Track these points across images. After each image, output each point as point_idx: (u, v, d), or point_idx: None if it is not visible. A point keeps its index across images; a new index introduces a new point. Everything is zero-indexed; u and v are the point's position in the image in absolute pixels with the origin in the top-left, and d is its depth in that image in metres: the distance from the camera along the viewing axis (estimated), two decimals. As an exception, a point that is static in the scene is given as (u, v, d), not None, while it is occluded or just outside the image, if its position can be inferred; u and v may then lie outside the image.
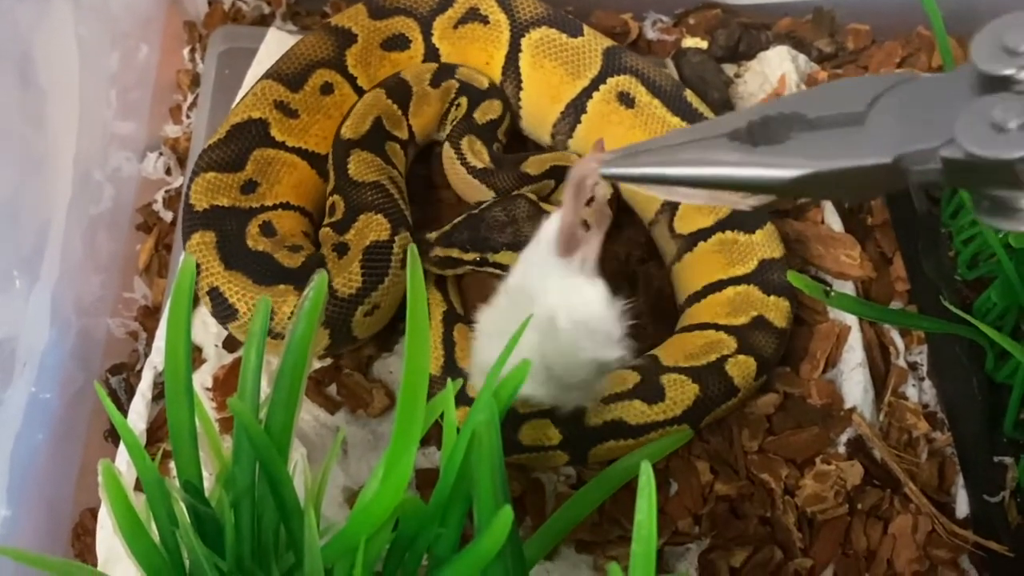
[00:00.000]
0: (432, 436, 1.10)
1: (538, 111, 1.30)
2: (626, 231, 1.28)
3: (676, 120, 1.22)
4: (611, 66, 1.24)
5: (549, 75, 1.27)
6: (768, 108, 0.65)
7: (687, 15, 1.51)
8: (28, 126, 1.10)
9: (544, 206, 1.17)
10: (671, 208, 1.23)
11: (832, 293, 1.05)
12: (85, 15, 1.21)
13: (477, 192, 1.23)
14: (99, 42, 1.27)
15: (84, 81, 1.20)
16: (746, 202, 0.73)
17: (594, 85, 1.25)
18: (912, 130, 0.60)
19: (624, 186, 1.25)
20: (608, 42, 1.25)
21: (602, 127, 1.25)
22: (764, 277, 1.17)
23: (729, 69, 1.44)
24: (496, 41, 1.28)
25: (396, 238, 1.11)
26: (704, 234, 1.21)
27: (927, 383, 1.21)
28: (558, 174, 1.23)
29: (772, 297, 1.16)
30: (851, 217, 1.31)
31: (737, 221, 1.19)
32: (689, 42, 1.46)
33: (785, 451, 1.12)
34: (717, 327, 1.14)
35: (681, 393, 1.07)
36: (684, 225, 1.22)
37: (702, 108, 1.24)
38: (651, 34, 1.50)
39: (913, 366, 1.22)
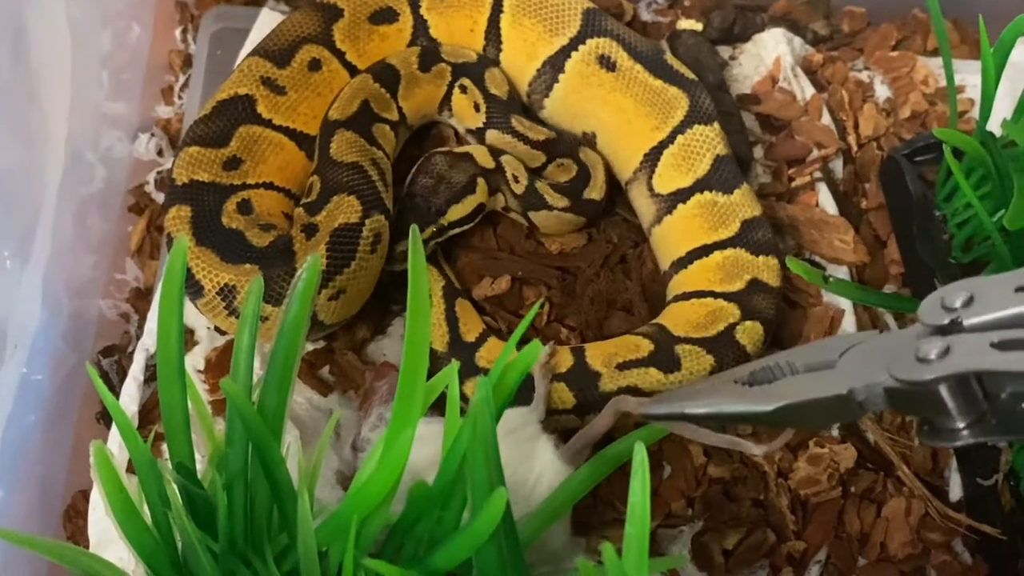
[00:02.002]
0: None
1: (515, 70, 1.29)
2: (619, 214, 1.28)
3: (659, 83, 1.22)
4: (591, 27, 1.24)
5: (527, 32, 1.26)
6: (768, 360, 0.81)
7: (682, -4, 1.51)
8: (20, 106, 1.09)
9: (457, 149, 1.22)
10: (650, 165, 1.23)
11: (831, 279, 1.05)
12: (73, -4, 1.20)
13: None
14: (91, 22, 1.27)
15: (76, 61, 1.19)
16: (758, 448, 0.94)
17: (573, 45, 1.24)
18: (866, 369, 0.74)
19: (601, 145, 1.27)
20: (587, 3, 1.25)
21: (581, 88, 1.25)
22: (749, 238, 1.18)
23: (724, 51, 1.44)
24: (480, 6, 1.27)
25: (367, 221, 1.09)
26: (683, 195, 1.21)
27: (922, 366, 1.21)
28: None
29: (761, 257, 1.17)
30: (845, 201, 1.31)
31: (715, 181, 1.20)
32: (684, 24, 1.45)
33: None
34: (715, 294, 1.15)
35: (697, 364, 1.08)
36: (663, 184, 1.22)
37: (683, 70, 1.24)
38: (646, 15, 1.49)
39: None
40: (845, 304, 1.20)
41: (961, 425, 0.70)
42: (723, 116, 1.26)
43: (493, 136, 1.25)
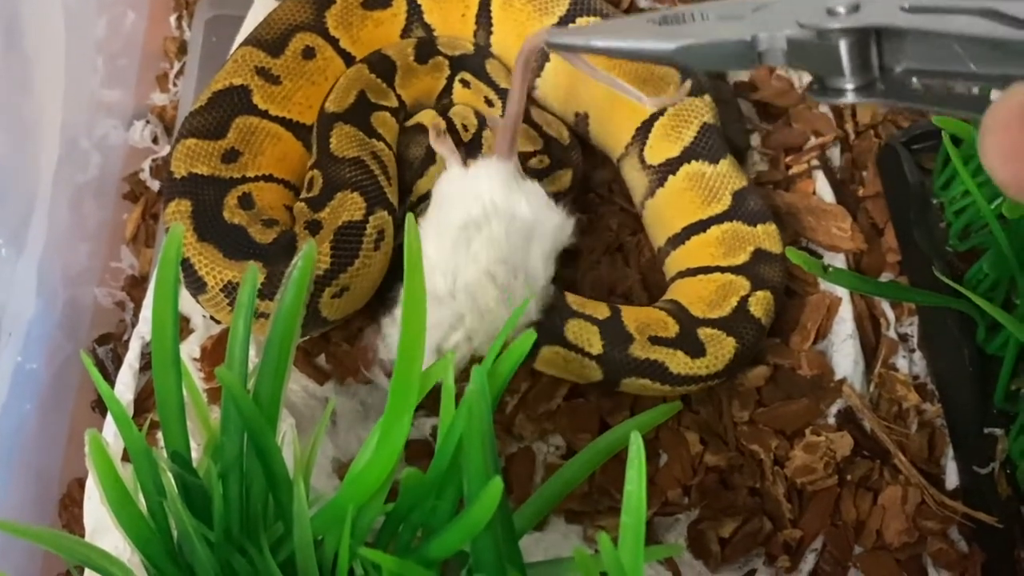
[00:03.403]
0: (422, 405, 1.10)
1: (506, 52, 1.29)
2: (617, 203, 1.28)
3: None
4: (579, 6, 1.24)
5: (517, 13, 1.26)
6: (681, 7, 0.81)
7: (679, -17, 1.50)
8: (14, 94, 1.09)
9: (408, 123, 1.24)
10: (641, 138, 1.23)
11: (830, 268, 1.05)
12: (69, -19, 1.20)
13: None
14: (85, 8, 1.26)
15: (70, 48, 1.19)
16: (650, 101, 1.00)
17: (562, 24, 1.24)
18: (774, 21, 0.75)
19: (593, 124, 1.27)
20: None
21: (570, 68, 1.24)
22: (743, 209, 1.18)
23: (721, 39, 1.43)
24: None
25: (370, 218, 1.09)
26: (673, 165, 1.21)
27: (917, 355, 1.21)
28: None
29: (759, 227, 1.17)
30: (843, 188, 1.31)
31: (700, 151, 1.20)
32: (681, 11, 1.45)
33: (775, 422, 1.12)
34: (721, 269, 1.16)
35: (721, 349, 1.09)
36: (654, 155, 1.22)
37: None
38: (643, 2, 1.48)
39: (904, 338, 1.22)
40: (842, 292, 1.20)
41: (850, 86, 0.71)
42: (720, 104, 1.25)
43: None
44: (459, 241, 0.98)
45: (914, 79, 0.70)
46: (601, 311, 1.10)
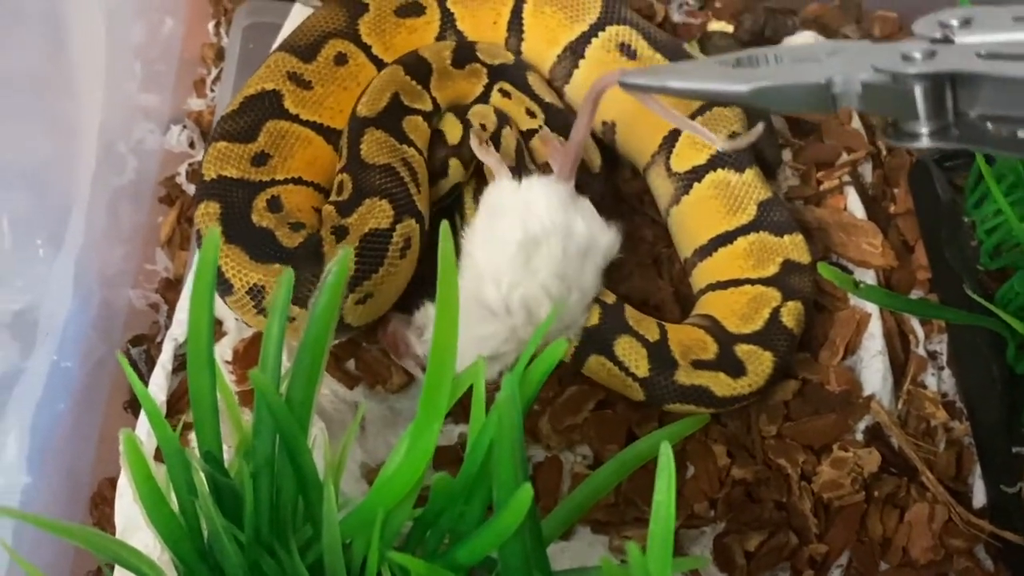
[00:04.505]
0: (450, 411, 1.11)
1: (536, 57, 1.30)
2: (649, 214, 1.29)
3: None
4: (610, 15, 1.25)
5: (548, 20, 1.27)
6: (755, 50, 0.82)
7: (713, -2, 1.51)
8: (59, 97, 1.10)
9: None
10: (668, 147, 1.24)
11: (861, 285, 1.06)
12: (111, -13, 1.21)
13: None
14: (125, 14, 1.27)
15: (111, 52, 1.20)
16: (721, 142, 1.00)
17: (593, 31, 1.25)
18: (849, 65, 0.76)
19: (621, 133, 1.28)
20: None
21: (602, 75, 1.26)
22: (769, 220, 1.19)
23: (755, 53, 1.44)
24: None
25: (397, 227, 1.09)
26: (699, 173, 1.22)
27: (946, 372, 1.21)
28: None
29: (787, 237, 1.18)
30: (874, 205, 1.31)
31: (727, 159, 1.21)
32: (715, 26, 1.46)
33: (802, 437, 1.12)
34: (751, 281, 1.17)
35: (760, 365, 1.10)
36: (680, 163, 1.23)
37: (702, 58, 1.25)
38: (677, 17, 1.49)
39: (932, 355, 1.22)
40: (872, 308, 1.20)
41: (925, 130, 0.73)
42: (752, 118, 1.25)
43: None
44: (517, 256, 0.99)
45: (989, 124, 0.71)
46: (652, 331, 1.11)
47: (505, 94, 1.27)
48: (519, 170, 1.20)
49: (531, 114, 1.26)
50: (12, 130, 1.05)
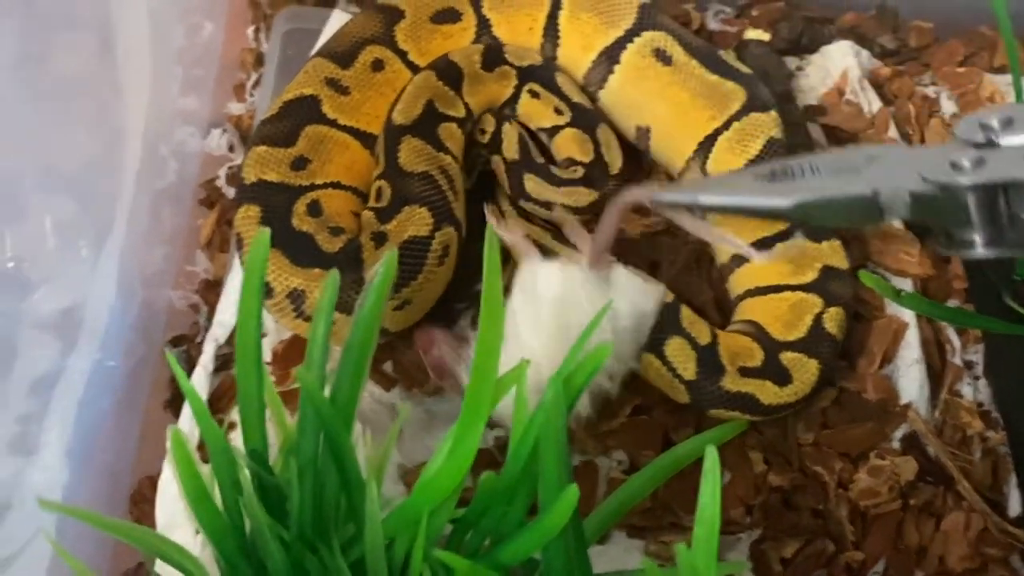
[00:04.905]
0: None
1: (571, 63, 1.30)
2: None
3: (715, 78, 1.23)
4: (646, 20, 1.26)
5: (584, 25, 1.28)
6: (789, 160, 0.80)
7: (750, 7, 1.51)
8: (107, 100, 1.12)
9: None
10: (704, 152, 1.24)
11: (902, 293, 1.06)
12: (157, -11, 1.23)
13: None
14: (167, 17, 1.29)
15: (154, 56, 1.21)
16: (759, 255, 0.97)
17: (628, 37, 1.25)
18: (894, 174, 0.75)
19: (655, 138, 1.28)
20: None
21: (637, 81, 1.26)
22: (807, 226, 1.19)
23: (791, 62, 1.44)
24: (539, 4, 1.29)
25: (436, 234, 1.10)
26: None
27: (982, 382, 1.21)
28: None
29: (825, 243, 1.18)
30: (911, 214, 1.30)
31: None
32: (751, 34, 1.46)
33: (839, 445, 1.12)
34: (791, 287, 1.16)
35: (805, 373, 1.10)
36: (717, 167, 1.23)
37: (738, 65, 1.26)
38: (713, 25, 1.50)
39: (969, 365, 1.22)
40: (909, 317, 1.20)
41: (979, 238, 0.71)
42: (789, 126, 1.26)
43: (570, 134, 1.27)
44: (563, 346, 0.98)
45: None
46: (704, 335, 1.11)
47: (534, 94, 1.28)
48: (524, 163, 1.23)
49: (559, 111, 1.27)
50: (61, 133, 1.06)
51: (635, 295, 1.01)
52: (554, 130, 1.27)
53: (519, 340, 0.98)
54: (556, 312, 0.98)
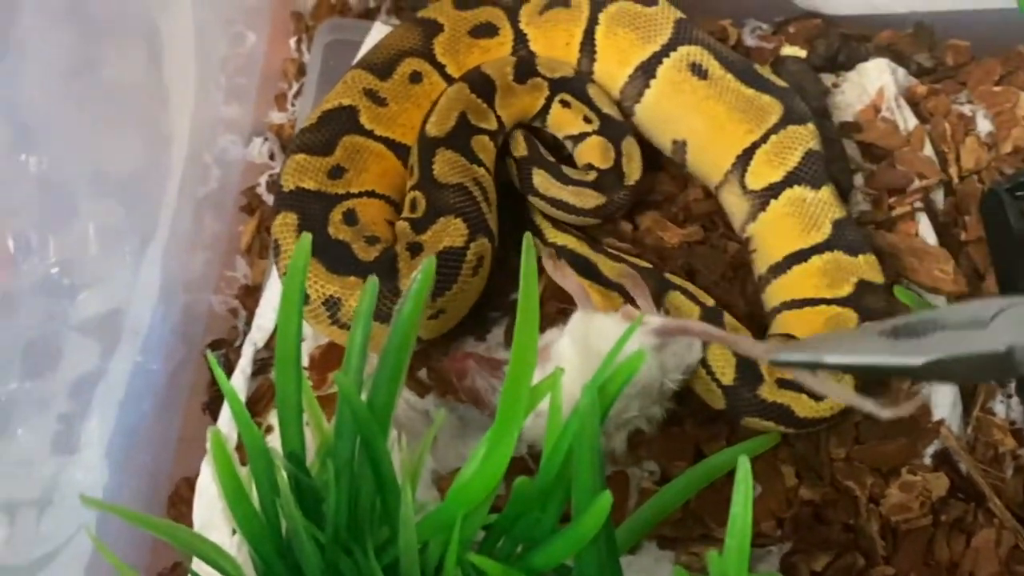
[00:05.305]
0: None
1: (607, 78, 1.31)
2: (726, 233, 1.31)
3: (751, 92, 1.24)
4: (682, 35, 1.26)
5: (620, 41, 1.29)
6: (913, 316, 0.81)
7: (787, 23, 1.52)
8: (155, 109, 1.13)
9: None
10: (742, 165, 1.25)
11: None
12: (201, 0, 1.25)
13: None
14: (212, 28, 1.31)
15: (199, 65, 1.23)
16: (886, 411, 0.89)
17: (664, 51, 1.26)
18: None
19: (692, 152, 1.29)
20: (679, 13, 1.28)
21: (673, 95, 1.27)
22: (843, 239, 1.19)
23: (827, 79, 1.44)
24: (576, 20, 1.30)
25: (471, 245, 1.12)
26: (775, 190, 1.23)
27: (1015, 400, 1.20)
28: None
29: (860, 257, 1.18)
30: (945, 232, 1.31)
31: (803, 176, 1.22)
32: (788, 50, 1.46)
33: (871, 460, 1.12)
34: (827, 301, 1.16)
35: None
36: (756, 181, 1.24)
37: (774, 79, 1.26)
38: (750, 41, 1.50)
39: (1002, 383, 1.22)
40: (942, 334, 1.20)
41: None
42: (824, 143, 1.26)
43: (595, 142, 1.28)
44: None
45: None
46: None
47: (565, 104, 1.29)
48: (532, 159, 1.25)
49: (588, 120, 1.28)
50: (109, 139, 1.08)
51: (682, 350, 1.04)
52: (580, 137, 1.29)
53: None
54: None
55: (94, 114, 1.05)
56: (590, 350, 0.97)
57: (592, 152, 1.27)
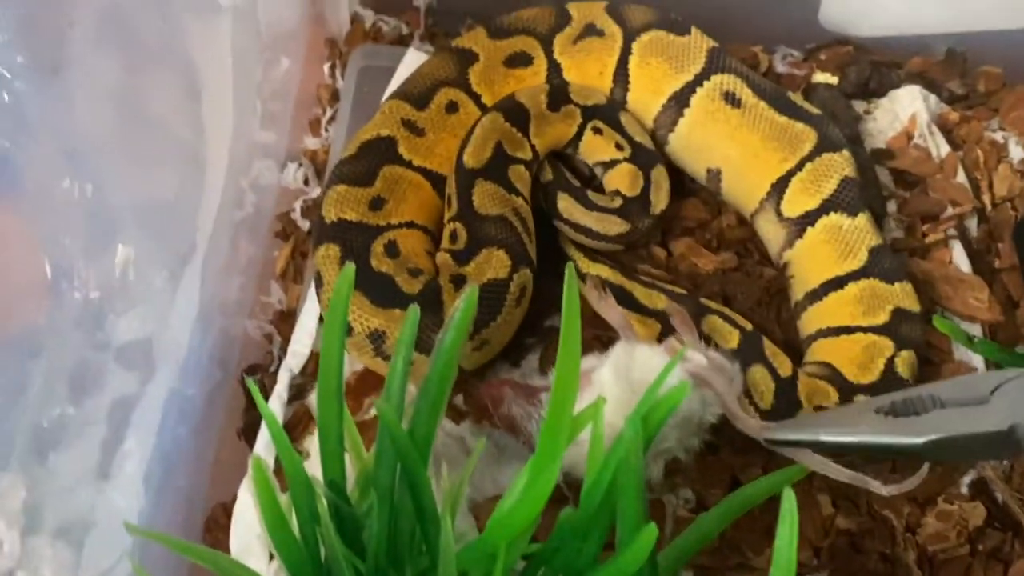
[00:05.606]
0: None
1: (641, 107, 1.32)
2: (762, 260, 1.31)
3: (784, 119, 1.25)
4: (715, 64, 1.27)
5: (653, 71, 1.30)
6: (910, 392, 0.80)
7: (818, 50, 1.52)
8: (191, 130, 1.14)
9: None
10: (778, 192, 1.25)
11: (975, 339, 1.05)
12: (239, 27, 1.25)
13: None
14: (248, 54, 1.32)
15: (236, 92, 1.24)
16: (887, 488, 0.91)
17: (698, 80, 1.27)
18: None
19: (727, 180, 1.29)
20: (712, 42, 1.29)
21: (706, 123, 1.28)
22: (879, 267, 1.19)
23: (859, 106, 1.45)
24: (610, 50, 1.31)
25: (515, 276, 1.12)
26: (811, 217, 1.23)
27: (1052, 429, 1.20)
28: None
29: (897, 285, 1.18)
30: (979, 259, 1.31)
31: (840, 203, 1.22)
32: (819, 77, 1.47)
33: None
34: (863, 329, 1.17)
35: None
36: (792, 208, 1.25)
37: (807, 106, 1.27)
38: (781, 68, 1.51)
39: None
40: (978, 362, 1.19)
41: None
42: (858, 169, 1.26)
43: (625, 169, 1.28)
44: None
45: None
46: (785, 367, 1.12)
47: (597, 131, 1.29)
48: (558, 183, 1.27)
49: (619, 147, 1.29)
50: (151, 166, 1.09)
51: (723, 385, 1.02)
52: (611, 164, 1.29)
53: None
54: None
55: (135, 140, 1.06)
56: (632, 381, 0.97)
57: (621, 179, 1.27)
